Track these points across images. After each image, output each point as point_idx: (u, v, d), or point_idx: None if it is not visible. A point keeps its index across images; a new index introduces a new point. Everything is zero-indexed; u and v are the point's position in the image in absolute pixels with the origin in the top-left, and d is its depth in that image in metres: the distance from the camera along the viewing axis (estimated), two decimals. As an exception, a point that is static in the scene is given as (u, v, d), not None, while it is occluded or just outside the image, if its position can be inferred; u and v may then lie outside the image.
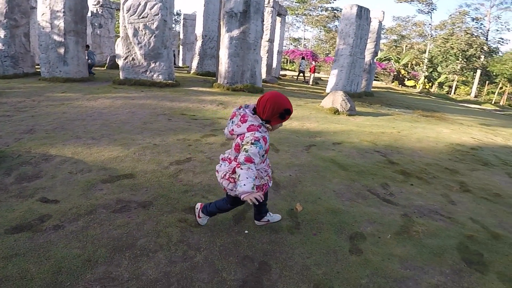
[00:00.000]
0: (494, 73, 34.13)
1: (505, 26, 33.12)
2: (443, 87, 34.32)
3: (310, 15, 42.21)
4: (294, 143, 4.90)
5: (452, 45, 29.85)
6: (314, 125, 6.42)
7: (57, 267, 1.79)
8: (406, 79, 30.22)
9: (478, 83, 34.23)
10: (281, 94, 1.89)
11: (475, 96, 32.68)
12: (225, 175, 1.98)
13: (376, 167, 4.05)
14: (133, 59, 9.64)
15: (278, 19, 19.17)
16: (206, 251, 2.00)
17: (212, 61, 14.59)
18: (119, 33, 10.01)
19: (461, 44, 29.40)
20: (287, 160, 3.97)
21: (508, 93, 35.01)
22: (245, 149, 1.80)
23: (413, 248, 2.25)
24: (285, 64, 40.29)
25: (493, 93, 35.90)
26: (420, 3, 32.89)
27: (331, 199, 2.94)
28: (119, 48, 9.81)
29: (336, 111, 8.06)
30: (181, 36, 22.52)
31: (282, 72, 24.95)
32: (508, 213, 3.08)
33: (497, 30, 33.39)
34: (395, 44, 40.35)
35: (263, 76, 15.81)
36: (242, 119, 1.89)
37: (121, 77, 9.74)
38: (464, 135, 7.11)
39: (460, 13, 32.18)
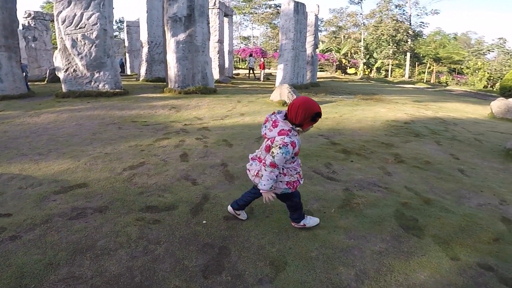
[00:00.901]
0: (422, 55, 37.69)
1: (423, 11, 36.79)
2: (381, 71, 37.21)
3: (256, 13, 43.21)
4: (247, 136, 5.13)
5: (382, 32, 32.36)
6: (264, 118, 6.72)
7: (20, 272, 1.84)
8: (348, 68, 32.21)
9: (410, 65, 37.54)
10: (310, 99, 2.05)
11: (409, 77, 35.77)
12: (257, 173, 2.16)
13: (320, 149, 4.43)
14: (74, 70, 9.25)
15: (226, 19, 19.33)
16: (166, 243, 2.13)
17: (161, 67, 14.39)
18: (56, 45, 9.52)
19: (390, 30, 32.06)
20: (240, 153, 4.18)
21: (436, 72, 38.85)
22: (272, 152, 2.00)
23: (355, 219, 2.55)
24: (238, 63, 40.64)
25: (424, 72, 39.61)
26: None
27: (281, 184, 3.20)
28: (58, 60, 9.36)
29: (284, 103, 8.47)
30: (126, 44, 21.89)
31: (235, 71, 25.27)
32: (437, 179, 3.56)
33: (418, 15, 36.63)
34: (334, 35, 42.39)
35: (216, 76, 15.92)
36: (273, 124, 2.08)
37: (64, 90, 9.27)
38: (399, 112, 7.90)
39: (384, 1, 34.68)
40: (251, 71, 21.77)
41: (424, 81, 33.51)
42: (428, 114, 8.12)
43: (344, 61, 33.24)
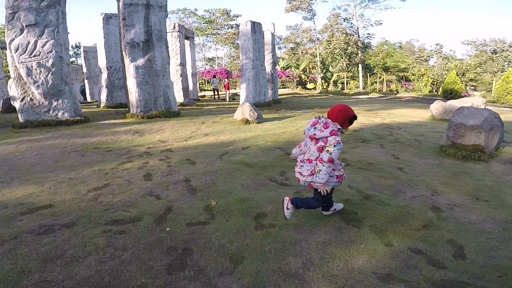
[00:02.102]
0: (372, 65, 40.55)
1: (369, 22, 38.25)
2: (337, 84, 39.34)
3: (219, 33, 43.66)
4: (209, 154, 5.40)
5: (334, 46, 34.41)
6: (228, 137, 7.02)
7: None
8: (307, 83, 33.73)
9: (363, 76, 40.09)
10: (346, 106, 2.50)
11: (363, 88, 38.17)
12: (311, 172, 2.47)
13: (276, 160, 4.82)
14: (31, 99, 8.99)
15: (187, 42, 19.63)
16: (132, 249, 2.33)
17: (122, 92, 14.21)
18: (9, 73, 9.24)
19: (341, 43, 34.09)
20: (203, 169, 4.43)
21: (386, 80, 41.95)
22: (328, 150, 2.37)
23: (303, 216, 2.89)
24: (203, 85, 40.90)
25: (376, 82, 42.58)
26: (303, 11, 36.21)
27: (239, 191, 3.50)
28: (13, 90, 9.02)
29: (247, 121, 8.82)
30: (84, 70, 21.29)
31: (201, 94, 25.44)
32: (378, 177, 4.04)
33: (364, 27, 38.91)
34: (293, 52, 43.87)
35: (181, 99, 16.02)
36: (324, 125, 2.43)
37: (20, 120, 8.93)
38: (351, 123, 8.60)
39: (333, 15, 36.85)
40: (216, 92, 22.01)
41: (377, 91, 35.97)
42: (376, 121, 8.91)
43: (303, 76, 34.69)
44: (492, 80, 33.84)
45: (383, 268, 2.16)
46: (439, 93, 27.45)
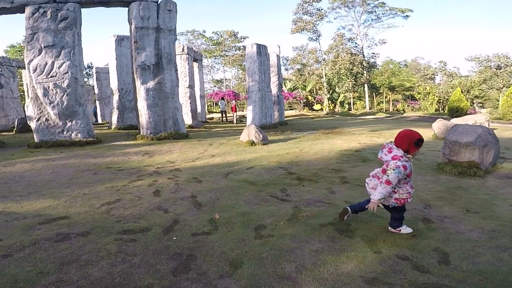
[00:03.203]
0: (378, 85, 40.80)
1: (373, 42, 38.60)
2: (344, 105, 39.52)
3: (227, 55, 43.71)
4: (215, 174, 5.67)
5: (340, 66, 34.82)
6: (233, 158, 7.27)
7: (14, 279, 2.26)
8: (314, 104, 34.06)
9: (369, 96, 40.24)
10: (411, 130, 2.73)
11: (370, 108, 38.29)
12: (374, 186, 2.80)
13: (278, 178, 5.06)
14: (47, 119, 9.40)
15: (195, 64, 19.80)
16: (141, 255, 2.57)
17: (132, 114, 14.48)
18: (23, 92, 9.76)
19: (346, 64, 34.46)
20: (209, 187, 4.70)
21: (392, 100, 42.13)
22: (387, 173, 2.64)
23: (300, 228, 3.11)
24: (212, 107, 41.10)
25: (382, 102, 42.76)
26: (308, 31, 36.37)
27: (242, 206, 3.75)
28: (30, 109, 9.47)
29: (252, 143, 8.99)
30: (96, 91, 21.53)
31: (209, 116, 25.51)
32: (373, 192, 4.27)
33: (369, 47, 39.16)
34: (300, 73, 43.95)
35: (189, 121, 16.15)
36: (388, 150, 2.70)
37: (36, 140, 9.36)
38: (353, 142, 8.81)
39: (338, 36, 37.19)
40: (223, 115, 22.11)
41: (384, 111, 36.06)
42: (379, 141, 9.10)
43: (310, 97, 34.96)
44: (499, 96, 33.82)
45: (370, 272, 2.34)
46: (445, 112, 27.48)
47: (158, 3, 10.86)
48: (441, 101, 36.71)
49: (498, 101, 33.35)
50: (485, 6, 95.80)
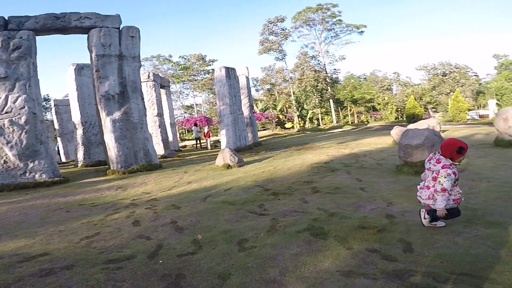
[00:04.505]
0: (341, 99, 42.94)
1: (334, 58, 40.99)
2: (313, 121, 41.00)
3: (196, 80, 42.89)
4: (193, 199, 5.76)
5: (306, 84, 36.33)
6: (210, 182, 7.36)
7: None
8: (285, 123, 34.95)
9: (335, 110, 42.09)
10: (452, 139, 3.06)
11: (337, 122, 40.04)
12: (429, 197, 3.06)
13: (255, 196, 5.31)
14: (5, 161, 8.62)
15: (163, 91, 19.21)
16: (131, 280, 2.64)
17: (100, 149, 13.59)
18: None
19: (311, 81, 36.04)
20: (188, 212, 4.80)
21: (356, 112, 44.42)
22: (439, 181, 2.93)
23: (279, 236, 3.34)
24: (184, 135, 40.25)
25: (348, 115, 44.92)
26: (275, 51, 37.74)
27: (223, 225, 3.92)
28: (-16, 152, 8.60)
29: (228, 166, 9.07)
30: (56, 126, 19.46)
31: (182, 144, 24.73)
32: (342, 198, 4.62)
33: (330, 63, 41.07)
34: (270, 93, 45.04)
35: (161, 151, 15.57)
36: (437, 161, 3.02)
37: (-5, 184, 8.57)
38: (322, 155, 9.28)
39: (302, 54, 38.87)
40: (198, 141, 21.41)
41: (350, 123, 37.85)
42: (345, 152, 9.67)
43: (281, 116, 35.65)
44: (448, 100, 36.90)
45: (345, 266, 2.60)
46: (404, 119, 29.41)
47: (120, 29, 10.57)
48: (399, 109, 39.30)
49: (448, 105, 36.34)
50: (431, 19, 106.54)
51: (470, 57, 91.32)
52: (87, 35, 10.43)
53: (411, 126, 12.07)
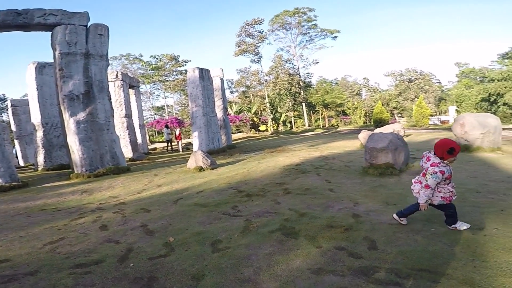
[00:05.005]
0: (314, 103, 44.05)
1: (307, 62, 41.79)
2: (286, 124, 41.63)
3: (167, 80, 41.96)
4: (164, 202, 5.65)
5: (280, 87, 36.82)
6: (182, 185, 7.24)
7: None
8: (260, 125, 35.15)
9: (307, 114, 43.04)
10: (446, 139, 3.14)
11: (309, 125, 40.97)
12: (419, 191, 3.19)
13: (228, 198, 5.32)
14: None
15: (132, 91, 18.58)
16: (100, 284, 2.57)
17: (62, 152, 12.86)
18: None
19: (285, 84, 36.59)
20: (159, 215, 4.71)
21: (327, 116, 45.76)
22: (426, 178, 3.09)
23: (252, 237, 3.40)
24: (154, 137, 39.07)
25: (319, 119, 46.15)
26: (251, 54, 37.63)
27: (195, 227, 3.90)
28: None
29: (201, 169, 8.88)
30: (13, 128, 18.22)
31: (152, 146, 23.85)
32: (312, 198, 4.76)
33: (304, 67, 41.58)
34: (245, 95, 45.01)
35: (130, 154, 15.09)
36: (427, 159, 3.17)
37: None
38: (294, 158, 9.47)
39: (277, 57, 39.35)
40: (169, 144, 20.65)
41: (321, 127, 38.88)
42: (316, 154, 9.94)
43: (255, 119, 35.65)
44: (412, 106, 39.05)
45: (315, 264, 2.72)
46: (371, 123, 30.73)
47: (88, 27, 10.15)
48: (367, 114, 40.98)
49: (412, 110, 38.42)
50: (400, 28, 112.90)
51: (434, 65, 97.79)
52: (51, 32, 9.91)
53: (377, 130, 12.69)
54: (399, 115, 43.47)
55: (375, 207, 4.15)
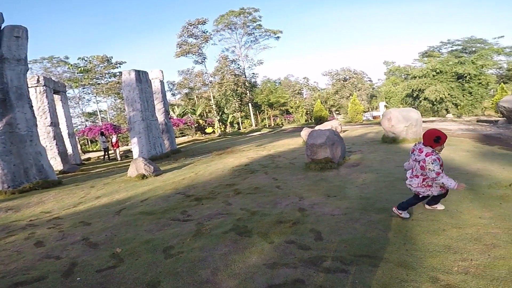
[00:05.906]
0: (259, 103, 44.90)
1: (252, 63, 42.12)
2: (234, 125, 41.70)
3: (99, 83, 38.80)
4: (105, 213, 5.30)
5: (226, 88, 36.61)
6: (123, 195, 6.80)
7: None
8: (206, 127, 34.55)
9: (254, 114, 43.62)
10: (433, 129, 3.24)
11: (256, 125, 41.61)
12: (418, 185, 3.28)
13: (176, 203, 5.23)
14: None
15: (57, 97, 16.95)
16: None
17: None
18: None
19: (231, 85, 36.45)
20: (101, 227, 4.43)
21: (272, 116, 47.05)
22: (430, 169, 3.10)
23: (206, 239, 3.43)
24: (87, 146, 36.00)
25: (265, 119, 47.23)
26: (193, 55, 36.06)
27: (143, 236, 3.79)
28: None
29: (143, 176, 8.42)
30: None
31: (85, 156, 21.75)
32: (262, 197, 4.94)
33: (249, 67, 41.64)
34: (188, 97, 43.56)
35: (59, 166, 13.73)
36: (419, 151, 3.23)
37: None
38: (243, 158, 9.63)
39: (222, 58, 38.66)
40: (106, 152, 18.78)
41: (267, 126, 39.77)
42: (263, 154, 10.23)
43: (201, 121, 34.68)
44: (347, 103, 42.10)
45: (270, 259, 2.86)
46: (313, 121, 32.33)
47: (2, 28, 9.03)
48: (308, 112, 43.03)
49: (348, 107, 41.42)
50: (337, 30, 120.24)
51: (367, 65, 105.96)
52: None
53: (317, 127, 13.48)
54: (337, 112, 46.39)
55: (318, 200, 4.47)
